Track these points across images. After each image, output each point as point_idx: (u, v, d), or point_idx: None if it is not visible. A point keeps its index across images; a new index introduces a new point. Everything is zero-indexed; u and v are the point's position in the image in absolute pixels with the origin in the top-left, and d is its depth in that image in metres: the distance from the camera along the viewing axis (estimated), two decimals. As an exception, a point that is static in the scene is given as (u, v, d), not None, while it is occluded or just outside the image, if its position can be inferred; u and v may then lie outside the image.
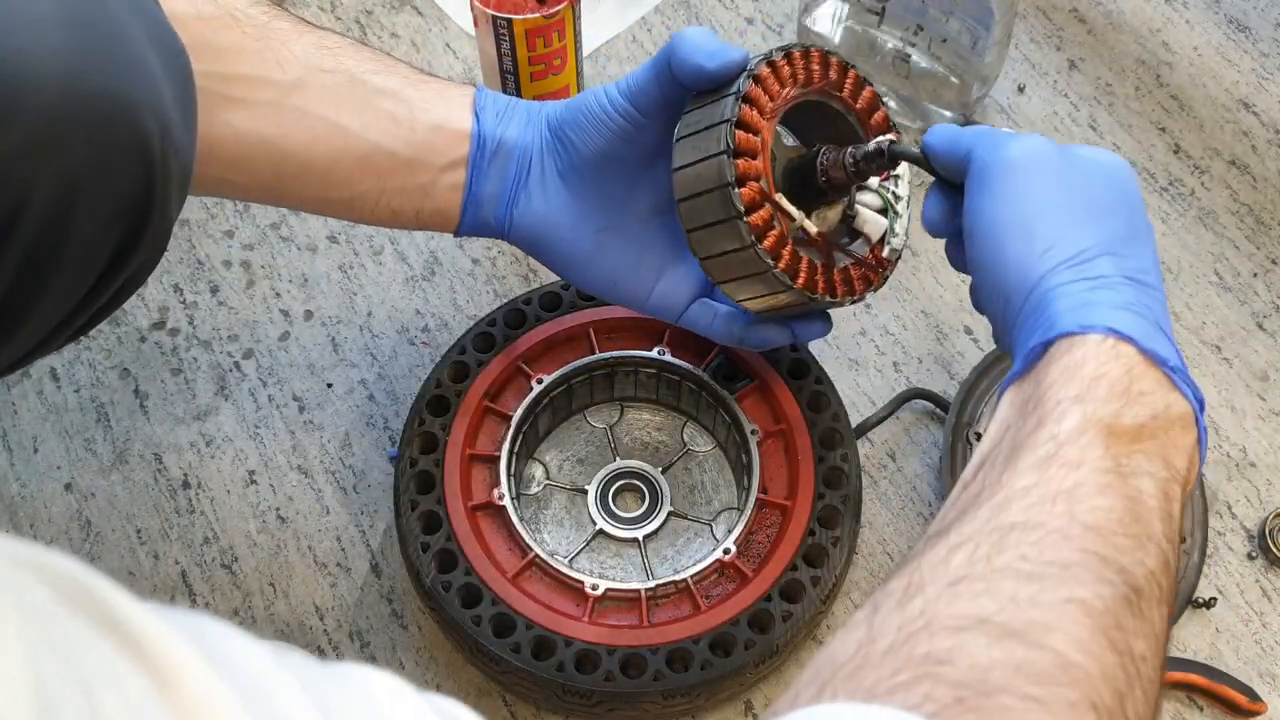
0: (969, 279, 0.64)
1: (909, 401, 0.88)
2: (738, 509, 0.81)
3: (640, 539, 0.81)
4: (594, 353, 0.84)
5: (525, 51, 0.86)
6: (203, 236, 0.99)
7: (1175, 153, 1.02)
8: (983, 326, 0.91)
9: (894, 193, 0.68)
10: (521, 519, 0.78)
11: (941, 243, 0.95)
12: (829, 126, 0.68)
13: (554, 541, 0.82)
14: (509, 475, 0.79)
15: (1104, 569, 0.47)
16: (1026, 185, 0.58)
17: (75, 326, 0.61)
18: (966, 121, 1.01)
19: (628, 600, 0.76)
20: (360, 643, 0.82)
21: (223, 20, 0.64)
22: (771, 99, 0.63)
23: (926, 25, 0.96)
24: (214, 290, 0.96)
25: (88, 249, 0.56)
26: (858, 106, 0.68)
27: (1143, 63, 1.06)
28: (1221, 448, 0.88)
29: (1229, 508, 0.86)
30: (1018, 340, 0.57)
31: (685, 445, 0.86)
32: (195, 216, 1.00)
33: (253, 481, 0.88)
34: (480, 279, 0.96)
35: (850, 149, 0.64)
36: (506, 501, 0.78)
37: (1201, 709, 0.79)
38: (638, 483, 0.84)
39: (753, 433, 0.81)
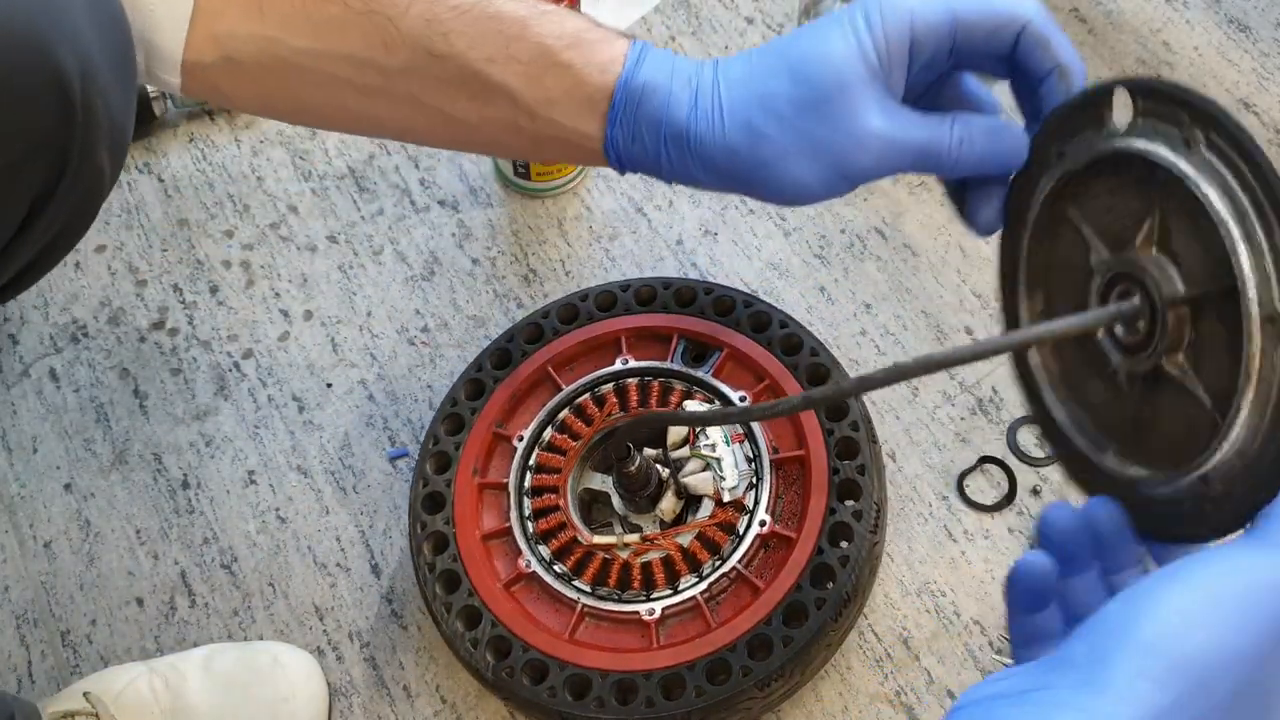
0: (969, 278, 0.63)
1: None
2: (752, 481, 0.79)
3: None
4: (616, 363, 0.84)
5: (525, 51, 0.86)
6: (202, 236, 0.99)
7: (1176, 152, 1.01)
8: (982, 326, 0.91)
9: (708, 446, 0.78)
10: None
11: (942, 242, 0.95)
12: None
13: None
14: (519, 503, 0.79)
15: None
16: None
17: None
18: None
19: (628, 622, 0.74)
20: (360, 643, 0.82)
21: None
22: (565, 454, 0.80)
23: (927, 25, 0.96)
24: (213, 290, 0.96)
25: None
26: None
27: (1143, 62, 1.06)
28: (1222, 448, 0.88)
29: (1230, 508, 0.86)
30: None
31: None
32: (195, 216, 1.00)
33: (252, 482, 0.88)
34: (480, 279, 0.96)
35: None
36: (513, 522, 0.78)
37: None
38: None
39: (741, 399, 0.80)
